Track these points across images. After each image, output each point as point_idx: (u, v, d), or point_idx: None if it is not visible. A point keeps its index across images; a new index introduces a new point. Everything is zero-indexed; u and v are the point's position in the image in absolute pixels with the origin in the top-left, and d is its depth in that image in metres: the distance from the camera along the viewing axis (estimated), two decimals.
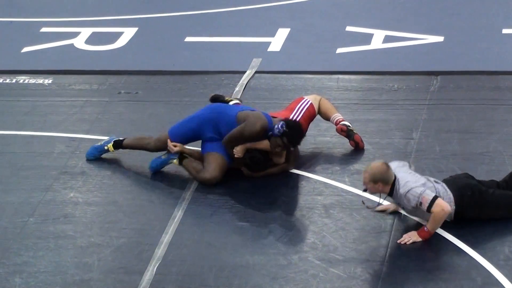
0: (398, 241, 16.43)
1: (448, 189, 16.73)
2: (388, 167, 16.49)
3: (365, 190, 16.64)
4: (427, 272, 15.65)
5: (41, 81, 22.25)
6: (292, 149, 18.75)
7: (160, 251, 15.90)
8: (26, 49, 23.38)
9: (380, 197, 16.90)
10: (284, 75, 21.43)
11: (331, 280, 15.14)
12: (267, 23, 23.27)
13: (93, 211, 17.42)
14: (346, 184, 17.95)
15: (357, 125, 19.69)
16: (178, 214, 16.84)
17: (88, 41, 23.32)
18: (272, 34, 23.03)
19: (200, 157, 18.97)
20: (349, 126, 19.70)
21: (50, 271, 16.06)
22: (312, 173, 18.26)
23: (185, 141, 18.74)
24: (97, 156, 19.10)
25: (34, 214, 17.09)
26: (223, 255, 16.31)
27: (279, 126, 17.71)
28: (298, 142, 18.11)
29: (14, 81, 22.08)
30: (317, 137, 19.91)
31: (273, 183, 18.69)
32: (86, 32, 23.34)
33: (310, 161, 18.72)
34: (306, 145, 19.38)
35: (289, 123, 17.82)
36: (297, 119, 19.37)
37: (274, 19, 23.43)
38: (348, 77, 21.78)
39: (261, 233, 16.78)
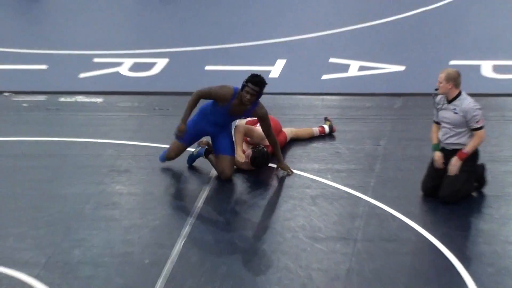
0: (436, 165, 17.21)
1: None
2: (460, 75, 16.91)
3: (436, 90, 17.08)
4: (390, 248, 15.85)
5: (94, 100, 22.46)
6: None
7: (185, 230, 16.15)
8: (82, 75, 23.48)
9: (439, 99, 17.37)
10: (281, 96, 21.63)
11: (316, 254, 15.33)
12: (268, 56, 23.34)
13: (134, 199, 17.61)
14: (329, 180, 18.17)
15: (338, 134, 19.91)
16: (200, 202, 17.08)
17: (130, 69, 23.45)
18: (272, 63, 23.14)
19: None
20: (325, 127, 20.56)
21: (102, 246, 16.35)
22: (302, 171, 18.44)
23: (197, 139, 18.86)
24: (190, 163, 19.33)
25: (89, 202, 17.29)
26: (236, 232, 16.73)
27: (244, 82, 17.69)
28: (261, 82, 17.81)
29: (73, 100, 22.15)
30: (307, 144, 19.86)
31: (270, 179, 19.19)
32: (128, 62, 23.43)
33: (300, 162, 18.90)
34: (297, 150, 19.89)
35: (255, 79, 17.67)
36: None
37: (274, 52, 23.52)
38: (331, 97, 21.94)
39: (262, 216, 17.14)
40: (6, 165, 19.73)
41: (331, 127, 20.76)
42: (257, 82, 17.50)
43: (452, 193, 17.26)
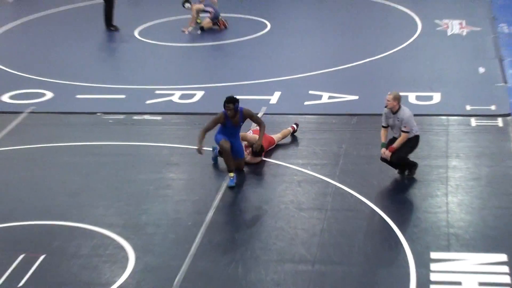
0: (382, 156, 18.27)
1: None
2: (401, 96, 18.18)
3: (386, 107, 18.13)
4: (350, 215, 17.38)
5: (155, 118, 23.01)
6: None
7: (215, 203, 17.66)
8: (148, 102, 24.22)
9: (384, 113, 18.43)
10: (277, 115, 22.46)
11: (301, 219, 16.51)
12: (269, 89, 24.08)
13: (182, 183, 19.20)
14: (308, 170, 19.38)
15: (314, 141, 21.18)
16: (224, 186, 18.34)
17: (179, 98, 24.39)
18: (271, 94, 24.02)
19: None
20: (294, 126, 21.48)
21: (160, 213, 17.92)
22: (291, 164, 19.74)
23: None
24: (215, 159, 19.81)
25: (152, 184, 18.77)
26: (248, 204, 18.50)
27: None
28: (231, 99, 18.31)
29: (142, 118, 23.16)
30: (294, 146, 21.27)
31: (269, 171, 19.81)
32: (178, 93, 23.88)
33: (290, 158, 20.23)
34: (288, 151, 20.87)
35: (227, 99, 18.40)
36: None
37: (273, 87, 24.12)
38: (310, 116, 22.62)
39: (264, 194, 18.54)
40: (97, 160, 20.73)
41: (297, 125, 21.60)
42: (228, 100, 18.04)
43: (398, 159, 18.23)
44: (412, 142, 17.88)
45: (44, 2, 35.71)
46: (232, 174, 18.35)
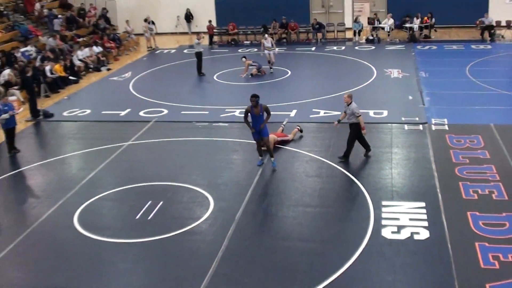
0: (363, 132, 17.83)
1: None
2: (352, 95, 17.89)
3: (345, 102, 17.84)
4: (334, 179, 16.45)
5: (224, 124, 22.95)
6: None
7: (255, 179, 17.04)
8: (221, 115, 23.73)
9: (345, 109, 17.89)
10: (294, 122, 21.54)
11: (307, 181, 16.62)
12: (289, 108, 23.09)
13: (240, 161, 18.53)
14: (312, 154, 18.79)
15: (314, 137, 20.24)
16: (260, 171, 17.58)
17: (239, 113, 23.53)
18: (291, 111, 23.33)
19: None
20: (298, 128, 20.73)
21: (228, 177, 17.53)
22: (301, 150, 19.01)
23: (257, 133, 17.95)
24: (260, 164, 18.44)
25: (223, 161, 18.14)
26: (275, 179, 17.32)
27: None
28: (253, 95, 17.50)
29: (218, 124, 22.82)
30: (303, 141, 20.06)
31: (288, 154, 18.99)
32: (238, 110, 23.40)
33: (301, 147, 19.31)
34: (299, 143, 19.72)
35: (252, 95, 17.52)
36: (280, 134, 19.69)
37: (292, 107, 23.37)
38: (313, 123, 22.23)
39: (286, 169, 17.56)
40: (193, 147, 20.67)
41: (301, 129, 20.94)
42: (252, 95, 17.34)
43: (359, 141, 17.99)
44: (355, 127, 17.62)
45: (164, 59, 36.12)
46: (260, 157, 18.13)
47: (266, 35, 31.99)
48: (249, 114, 17.01)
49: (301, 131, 19.90)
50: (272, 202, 15.00)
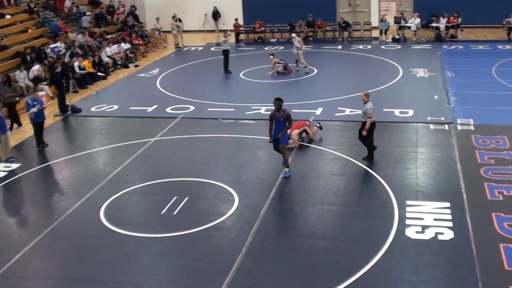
0: (363, 134, 17.65)
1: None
2: (369, 94, 17.71)
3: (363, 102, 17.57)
4: (359, 178, 16.15)
5: (251, 122, 22.85)
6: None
7: (280, 176, 16.68)
8: (247, 112, 23.63)
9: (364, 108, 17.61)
10: (319, 121, 21.38)
11: (332, 179, 16.34)
12: (316, 106, 23.11)
13: (265, 158, 18.23)
14: (337, 152, 18.64)
15: (340, 135, 20.23)
16: (281, 174, 17.52)
17: (265, 110, 23.55)
18: (317, 109, 23.22)
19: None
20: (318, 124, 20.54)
21: (253, 174, 17.14)
22: (327, 149, 18.85)
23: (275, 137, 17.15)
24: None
25: (249, 158, 18.00)
26: (303, 173, 16.91)
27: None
28: (277, 98, 16.83)
29: (243, 122, 22.79)
30: (329, 139, 19.98)
31: (313, 152, 18.72)
32: (263, 108, 23.78)
33: (326, 145, 19.17)
34: (325, 141, 19.66)
35: (276, 98, 16.86)
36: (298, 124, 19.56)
37: (318, 105, 23.45)
38: (338, 122, 22.08)
39: (310, 168, 17.32)
40: (219, 144, 20.61)
41: (321, 127, 20.85)
42: (276, 98, 16.67)
43: (363, 138, 17.82)
44: (371, 128, 17.35)
45: (191, 57, 36.16)
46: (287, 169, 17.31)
47: (294, 34, 31.85)
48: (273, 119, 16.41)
49: (320, 128, 19.76)
50: (297, 200, 14.96)
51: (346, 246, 12.63)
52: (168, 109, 23.42)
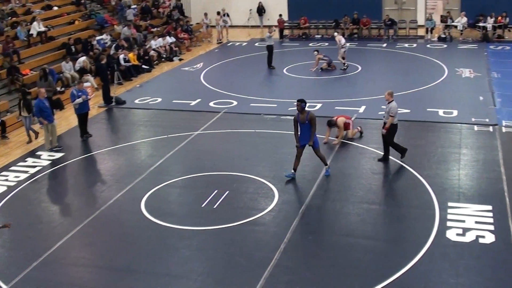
0: (382, 133, 17.52)
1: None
2: (393, 93, 17.49)
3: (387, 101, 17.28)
4: (400, 177, 16.16)
5: (291, 118, 22.96)
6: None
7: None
8: (289, 108, 23.55)
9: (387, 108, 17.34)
10: (362, 119, 21.26)
11: (373, 179, 16.30)
12: (358, 104, 22.99)
13: (307, 155, 17.95)
14: (378, 151, 18.32)
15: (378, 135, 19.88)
16: (330, 158, 17.47)
17: (307, 107, 23.62)
18: (360, 107, 23.21)
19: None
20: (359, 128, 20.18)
21: (290, 168, 16.79)
22: (369, 147, 18.77)
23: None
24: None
25: (290, 154, 17.68)
26: (344, 171, 16.74)
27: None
28: (299, 100, 16.18)
29: (285, 117, 22.49)
30: (371, 137, 19.86)
31: (356, 151, 18.79)
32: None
33: (369, 144, 19.12)
34: (367, 139, 19.54)
35: (298, 99, 16.23)
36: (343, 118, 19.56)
37: (361, 103, 23.72)
38: (381, 120, 21.93)
39: (352, 164, 17.18)
40: (260, 139, 20.66)
41: (361, 132, 20.53)
42: (298, 100, 16.10)
43: (384, 138, 17.66)
44: (393, 129, 17.24)
45: (235, 51, 36.40)
46: (293, 171, 17.01)
47: (335, 33, 31.82)
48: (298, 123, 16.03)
49: (361, 133, 19.66)
50: (337, 197, 14.96)
51: (385, 246, 12.56)
52: (211, 103, 23.59)
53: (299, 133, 16.15)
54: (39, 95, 19.35)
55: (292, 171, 16.43)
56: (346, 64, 30.63)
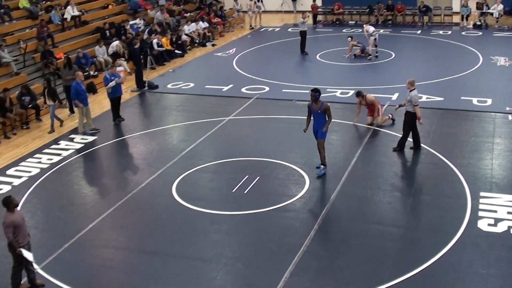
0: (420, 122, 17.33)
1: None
2: (414, 81, 17.33)
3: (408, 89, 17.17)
4: (435, 165, 16.00)
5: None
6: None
7: (357, 154, 16.65)
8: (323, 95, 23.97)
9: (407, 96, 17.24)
10: (394, 106, 21.23)
11: (408, 167, 15.98)
12: (392, 91, 23.48)
13: (338, 142, 18.14)
14: (397, 133, 18.09)
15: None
16: (362, 145, 17.41)
17: (340, 94, 23.70)
18: (393, 94, 22.99)
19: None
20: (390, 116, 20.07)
21: (323, 158, 16.78)
22: (401, 135, 18.57)
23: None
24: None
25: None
26: (378, 159, 16.69)
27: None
28: (313, 89, 15.93)
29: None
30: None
31: (390, 139, 18.62)
32: (339, 91, 23.71)
33: (400, 131, 19.02)
34: (401, 128, 19.29)
35: (312, 89, 15.93)
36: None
37: (394, 90, 23.67)
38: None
39: (385, 152, 17.09)
40: (291, 126, 20.61)
41: (393, 119, 20.31)
42: (312, 90, 15.85)
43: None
44: (412, 117, 17.25)
45: (268, 37, 36.35)
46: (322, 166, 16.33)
47: (364, 25, 31.64)
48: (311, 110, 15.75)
49: (393, 120, 19.49)
50: (368, 185, 14.94)
51: (416, 234, 12.54)
52: (243, 89, 23.67)
53: (312, 121, 15.96)
54: (77, 78, 19.57)
55: (322, 166, 16.08)
56: (377, 52, 30.32)
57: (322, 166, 16.01)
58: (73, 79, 20.45)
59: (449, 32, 36.79)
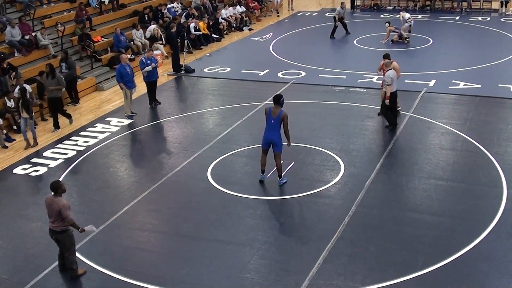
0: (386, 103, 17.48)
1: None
2: (391, 62, 17.69)
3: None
4: (470, 152, 16.15)
5: (362, 90, 22.65)
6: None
7: (392, 141, 16.46)
8: (359, 80, 23.46)
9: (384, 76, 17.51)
10: (432, 93, 20.92)
11: (441, 154, 16.52)
12: (429, 78, 23.11)
13: (373, 128, 18.22)
14: (448, 126, 18.30)
15: (453, 109, 19.90)
16: (397, 133, 17.20)
17: (376, 80, 23.49)
18: (430, 81, 22.85)
19: None
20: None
21: (360, 144, 16.88)
22: (437, 122, 18.48)
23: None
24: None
25: (357, 127, 17.62)
26: (411, 146, 16.74)
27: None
28: (276, 96, 14.41)
29: (354, 89, 22.48)
30: (440, 111, 19.51)
31: (423, 125, 18.36)
32: (376, 76, 23.51)
33: (437, 118, 18.88)
34: (435, 113, 19.15)
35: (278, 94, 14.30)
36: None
37: (431, 76, 23.22)
38: (451, 95, 21.41)
39: (418, 138, 17.00)
40: (328, 111, 20.60)
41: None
42: (278, 95, 14.54)
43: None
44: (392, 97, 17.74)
45: (305, 22, 36.41)
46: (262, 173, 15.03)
47: (401, 12, 31.33)
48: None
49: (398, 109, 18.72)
50: (404, 172, 14.87)
51: (450, 222, 12.43)
52: (279, 74, 23.66)
53: (265, 129, 14.62)
54: (121, 60, 19.71)
55: (261, 174, 14.91)
56: (408, 39, 30.03)
57: (280, 179, 14.80)
58: (57, 90, 19.26)
59: (488, 19, 36.32)
